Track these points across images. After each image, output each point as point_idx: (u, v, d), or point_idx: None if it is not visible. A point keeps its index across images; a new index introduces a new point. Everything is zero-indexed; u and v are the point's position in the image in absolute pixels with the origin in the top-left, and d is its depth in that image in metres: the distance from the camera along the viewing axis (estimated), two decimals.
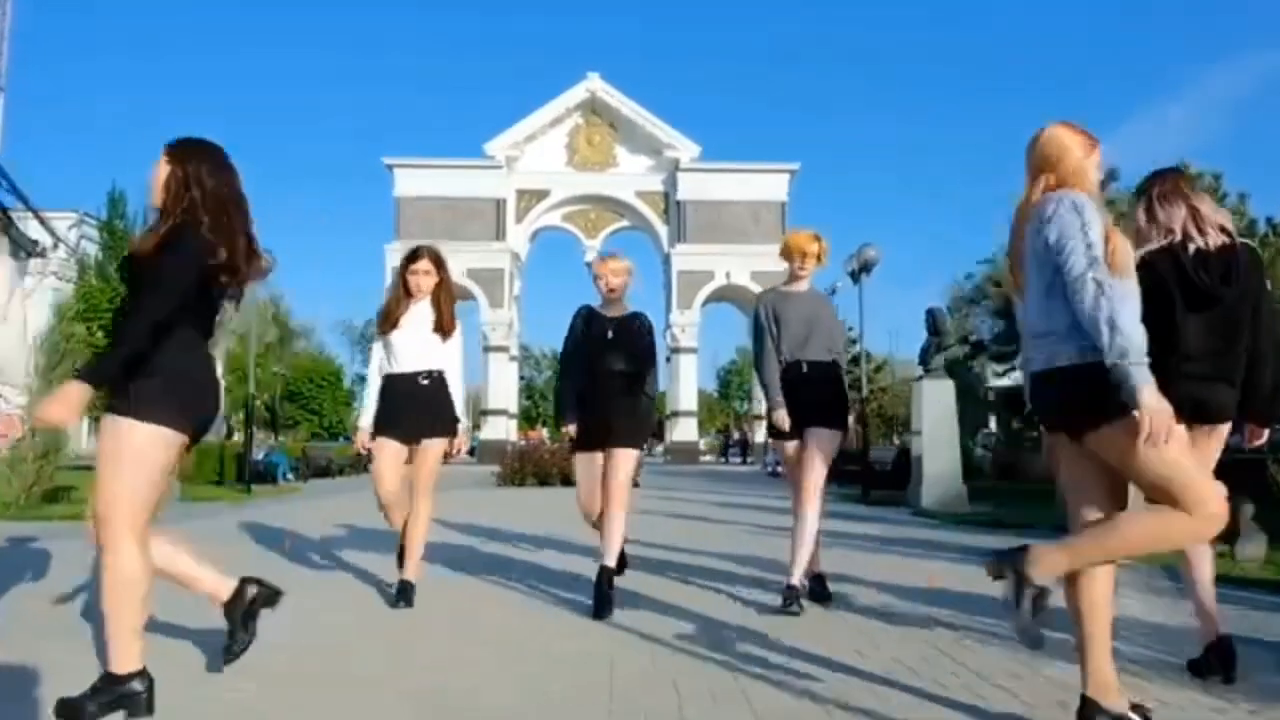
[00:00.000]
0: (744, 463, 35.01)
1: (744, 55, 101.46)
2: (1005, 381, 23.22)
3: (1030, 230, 2.52)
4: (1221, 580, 3.41)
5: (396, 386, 4.40)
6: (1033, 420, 12.41)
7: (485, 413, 34.47)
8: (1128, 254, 2.39)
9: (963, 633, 3.82)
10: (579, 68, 43.82)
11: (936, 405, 11.92)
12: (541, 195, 34.85)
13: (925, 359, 12.53)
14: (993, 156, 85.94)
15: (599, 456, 4.42)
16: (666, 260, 34.52)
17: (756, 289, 30.26)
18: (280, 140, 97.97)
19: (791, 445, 4.46)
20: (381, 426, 4.42)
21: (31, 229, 51.55)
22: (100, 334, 28.83)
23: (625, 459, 4.32)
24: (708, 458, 39.78)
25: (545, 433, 32.60)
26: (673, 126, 34.93)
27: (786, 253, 4.55)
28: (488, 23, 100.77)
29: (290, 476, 19.16)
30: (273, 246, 13.89)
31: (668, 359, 34.39)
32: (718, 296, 35.15)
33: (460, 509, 9.40)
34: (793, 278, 4.58)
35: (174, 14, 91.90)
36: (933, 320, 12.73)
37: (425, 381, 4.37)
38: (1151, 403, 2.18)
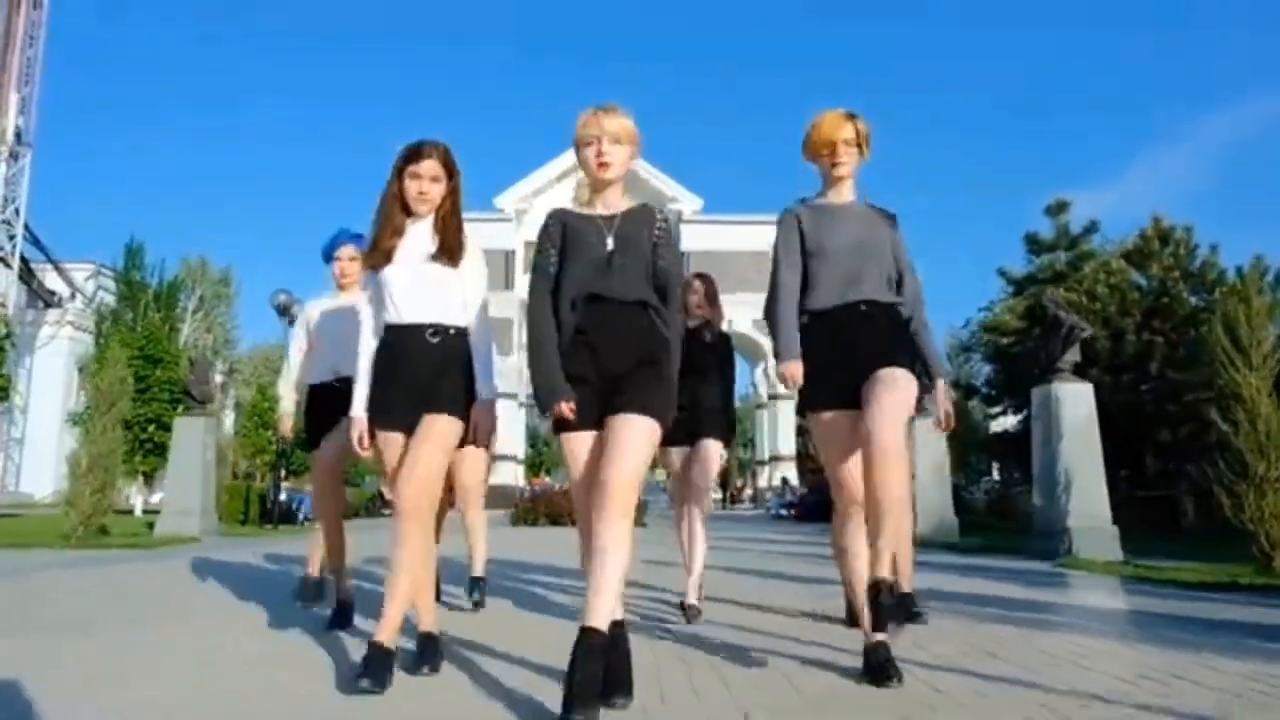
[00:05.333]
0: (746, 506, 35.62)
1: (746, 110, 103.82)
2: (999, 426, 23.93)
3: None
4: None
5: (393, 345, 3.06)
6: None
7: (494, 458, 35.12)
8: None
9: None
10: None
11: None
12: None
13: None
14: (996, 202, 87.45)
15: (595, 439, 2.67)
16: None
17: (759, 338, 31.42)
18: (298, 195, 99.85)
19: (832, 417, 3.08)
20: (377, 413, 3.05)
21: (50, 279, 52.60)
22: (130, 379, 29.81)
23: (637, 432, 2.55)
24: (715, 496, 40.31)
25: (550, 479, 33.20)
26: (676, 180, 36.27)
27: (812, 149, 3.24)
28: (499, 80, 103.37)
29: (311, 517, 20.22)
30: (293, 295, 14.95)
31: None
32: None
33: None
34: (830, 184, 3.26)
35: (185, 70, 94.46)
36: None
37: (434, 338, 3.04)
38: None
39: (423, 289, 3.06)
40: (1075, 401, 8.90)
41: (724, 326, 4.76)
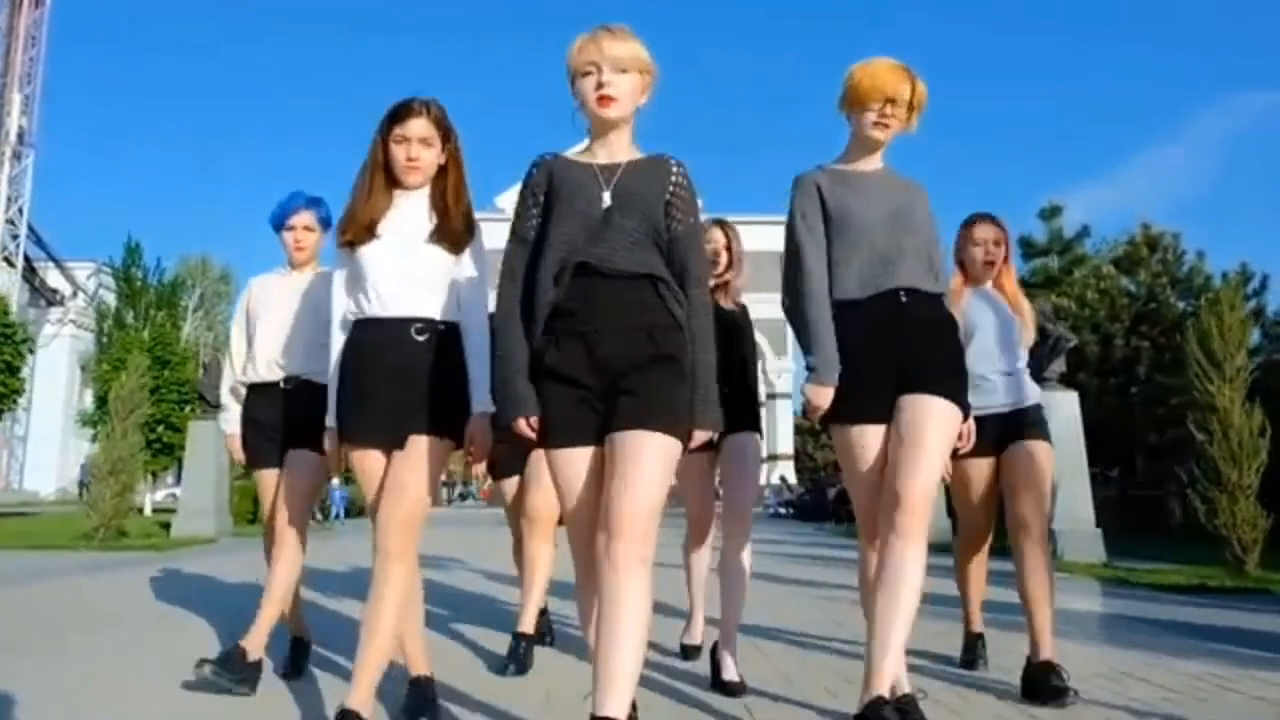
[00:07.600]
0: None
1: (749, 110, 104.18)
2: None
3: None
4: None
5: (369, 343, 2.45)
6: None
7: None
8: None
9: None
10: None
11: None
12: None
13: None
14: (999, 196, 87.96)
15: (595, 456, 2.05)
16: None
17: (763, 338, 31.77)
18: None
19: (861, 431, 2.42)
20: (348, 426, 2.47)
21: (52, 278, 53.26)
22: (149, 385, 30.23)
23: (650, 455, 1.94)
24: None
25: None
26: None
27: (861, 97, 2.49)
28: (499, 79, 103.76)
29: (341, 516, 20.70)
30: None
31: None
32: None
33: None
34: (860, 146, 2.57)
35: (187, 72, 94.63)
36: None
37: (421, 336, 2.44)
38: None
39: (413, 275, 2.45)
40: (1061, 410, 9.25)
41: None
